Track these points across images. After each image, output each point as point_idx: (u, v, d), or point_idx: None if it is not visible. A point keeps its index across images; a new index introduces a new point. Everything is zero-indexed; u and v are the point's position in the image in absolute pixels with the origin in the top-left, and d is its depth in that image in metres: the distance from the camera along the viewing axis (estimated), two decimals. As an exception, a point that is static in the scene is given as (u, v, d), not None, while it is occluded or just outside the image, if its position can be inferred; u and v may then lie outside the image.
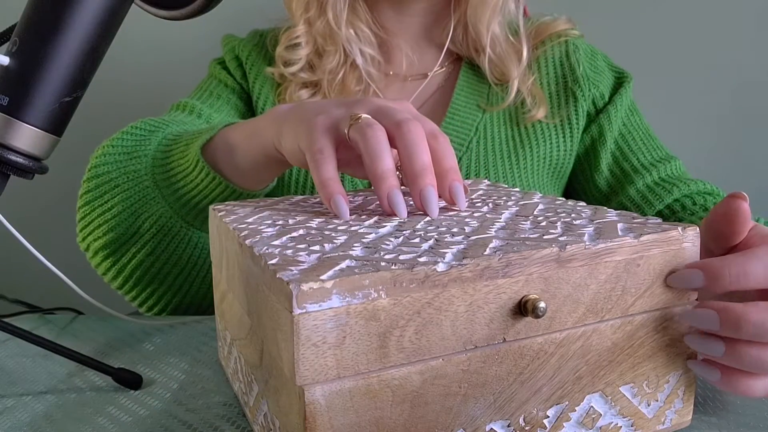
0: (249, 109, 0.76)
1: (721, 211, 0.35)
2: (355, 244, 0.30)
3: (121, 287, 0.60)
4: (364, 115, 0.39)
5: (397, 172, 0.38)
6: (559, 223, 0.33)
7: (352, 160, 0.42)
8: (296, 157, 0.42)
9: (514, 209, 0.38)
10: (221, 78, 0.76)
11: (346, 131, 0.39)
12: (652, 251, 0.31)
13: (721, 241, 0.35)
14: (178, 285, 0.60)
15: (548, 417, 0.30)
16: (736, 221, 0.34)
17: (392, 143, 0.38)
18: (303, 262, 0.27)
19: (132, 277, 0.58)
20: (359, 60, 0.71)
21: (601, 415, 0.32)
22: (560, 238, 0.30)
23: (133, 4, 0.38)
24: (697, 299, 0.33)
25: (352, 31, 0.70)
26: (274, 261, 0.27)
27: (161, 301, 0.61)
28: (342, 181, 0.51)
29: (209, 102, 0.72)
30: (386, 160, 0.36)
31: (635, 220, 0.34)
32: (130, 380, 0.42)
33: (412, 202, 0.38)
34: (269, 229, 0.34)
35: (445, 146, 0.39)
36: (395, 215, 0.36)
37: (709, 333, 0.31)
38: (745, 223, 0.34)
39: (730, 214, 0.34)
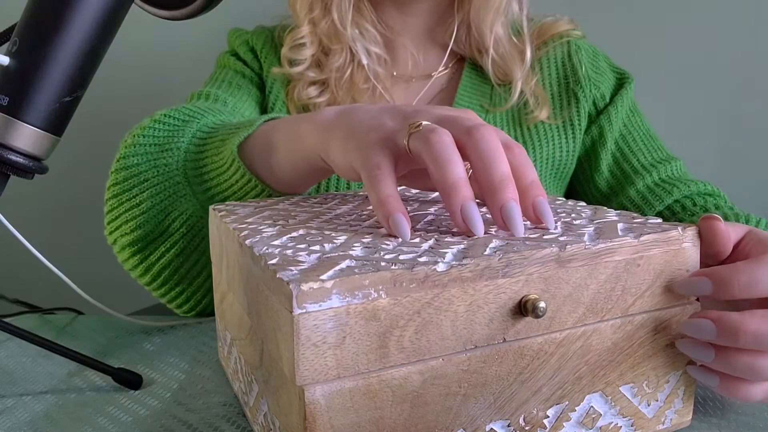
0: (266, 99, 0.74)
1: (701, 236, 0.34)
2: (355, 244, 0.30)
3: (149, 285, 0.57)
4: (425, 122, 0.34)
5: None
6: (559, 223, 0.33)
7: (409, 173, 0.38)
8: (348, 174, 0.38)
9: (514, 209, 0.38)
10: (237, 68, 0.74)
11: (405, 142, 0.34)
12: (652, 251, 0.31)
13: (709, 258, 0.35)
14: (209, 286, 0.56)
15: (548, 417, 0.30)
16: (715, 242, 0.34)
17: (462, 154, 0.32)
18: (303, 262, 0.27)
19: (160, 276, 0.56)
20: (365, 59, 0.70)
21: (601, 415, 0.32)
22: (560, 238, 0.30)
23: (133, 4, 0.38)
24: (697, 299, 0.33)
25: (357, 30, 0.70)
26: (274, 261, 0.27)
27: (190, 301, 0.58)
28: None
29: (230, 92, 0.70)
30: (458, 166, 0.31)
31: (635, 220, 0.34)
32: (130, 380, 0.42)
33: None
34: (269, 229, 0.34)
35: (523, 158, 0.33)
36: (470, 233, 0.31)
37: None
38: (725, 243, 0.34)
39: (708, 237, 0.33)
